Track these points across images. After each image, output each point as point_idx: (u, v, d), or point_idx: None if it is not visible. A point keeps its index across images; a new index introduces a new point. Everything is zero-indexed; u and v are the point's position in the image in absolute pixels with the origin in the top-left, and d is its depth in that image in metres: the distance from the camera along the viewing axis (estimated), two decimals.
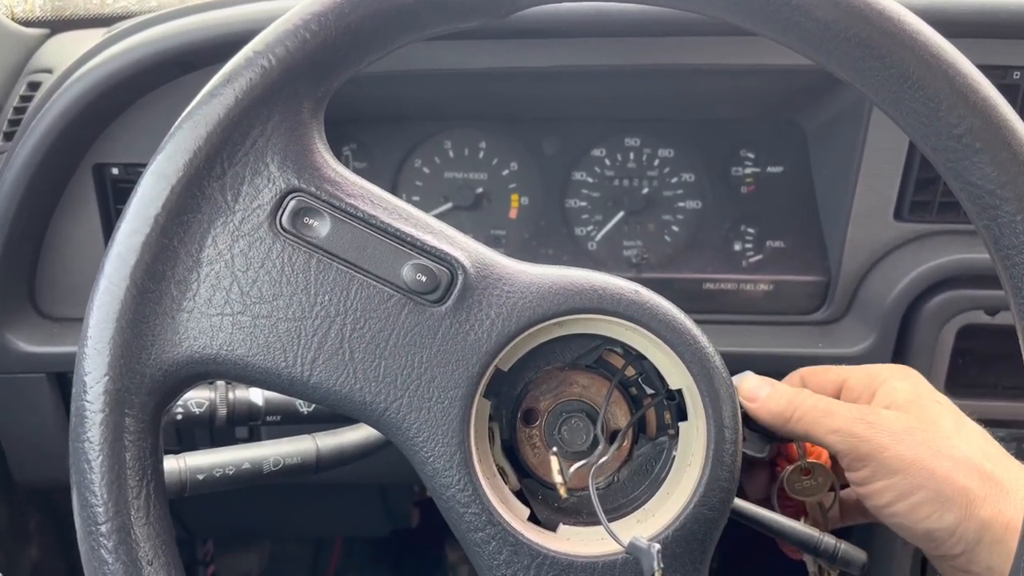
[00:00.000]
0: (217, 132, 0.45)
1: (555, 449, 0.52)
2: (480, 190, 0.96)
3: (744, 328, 0.92)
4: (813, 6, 0.44)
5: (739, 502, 0.59)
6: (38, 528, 1.15)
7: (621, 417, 0.54)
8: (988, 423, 0.91)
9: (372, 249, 0.48)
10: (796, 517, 0.62)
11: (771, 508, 0.62)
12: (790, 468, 0.62)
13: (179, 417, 0.68)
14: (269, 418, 0.71)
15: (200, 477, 0.63)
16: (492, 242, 0.97)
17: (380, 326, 0.48)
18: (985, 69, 0.46)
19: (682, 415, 0.52)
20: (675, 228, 0.96)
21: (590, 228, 0.97)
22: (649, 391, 0.54)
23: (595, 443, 0.52)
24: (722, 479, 0.49)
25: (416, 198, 0.97)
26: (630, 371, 0.53)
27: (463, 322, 0.48)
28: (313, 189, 0.47)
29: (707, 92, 0.93)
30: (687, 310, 0.51)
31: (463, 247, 0.49)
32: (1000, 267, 0.46)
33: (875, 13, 0.44)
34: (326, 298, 0.47)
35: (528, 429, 0.54)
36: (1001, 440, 0.92)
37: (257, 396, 0.70)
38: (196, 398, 0.68)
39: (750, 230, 0.95)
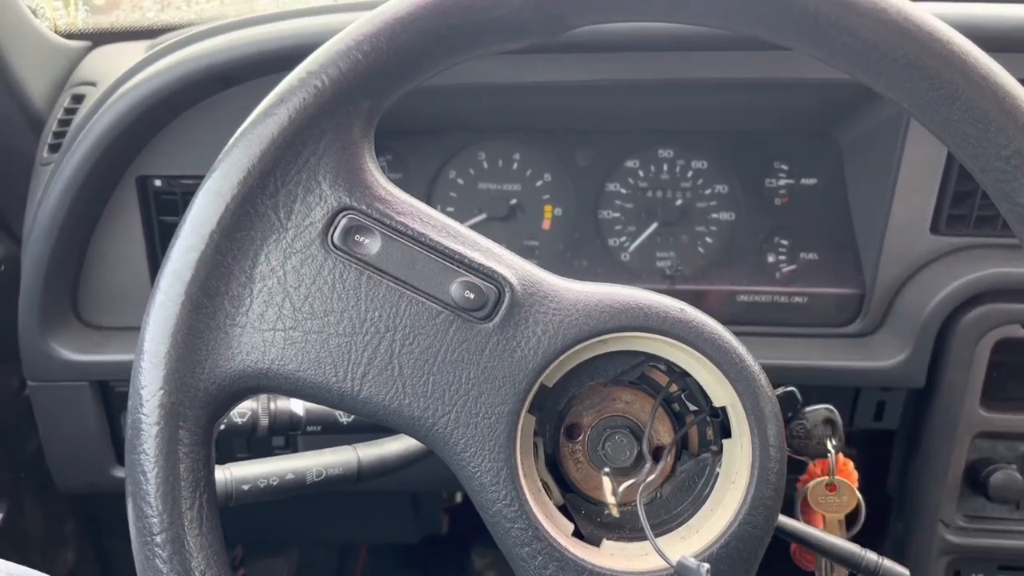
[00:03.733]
0: (271, 151, 0.46)
1: (607, 470, 0.52)
2: (514, 201, 0.97)
3: (778, 340, 0.92)
4: (861, 27, 0.45)
5: (783, 519, 0.59)
6: (74, 533, 1.17)
7: (664, 434, 0.54)
8: None
9: (421, 266, 0.48)
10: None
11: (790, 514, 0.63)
12: (815, 481, 0.62)
13: (222, 427, 0.69)
14: (309, 428, 0.72)
15: (245, 488, 0.64)
16: (525, 253, 0.97)
17: (429, 342, 0.48)
18: None
19: (724, 432, 0.53)
20: (708, 240, 0.97)
21: (623, 239, 0.97)
22: (692, 408, 0.54)
23: (639, 459, 0.53)
24: (767, 497, 0.50)
25: (451, 209, 0.97)
26: (673, 388, 0.54)
27: (510, 339, 0.49)
28: (364, 207, 0.48)
29: (742, 105, 0.93)
30: (719, 322, 0.52)
31: (510, 265, 0.49)
32: None
33: (924, 34, 0.44)
34: (376, 314, 0.48)
35: (571, 444, 0.54)
36: None
37: (298, 407, 0.71)
38: (239, 408, 0.69)
39: (784, 242, 0.95)
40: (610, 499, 0.51)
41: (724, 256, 0.96)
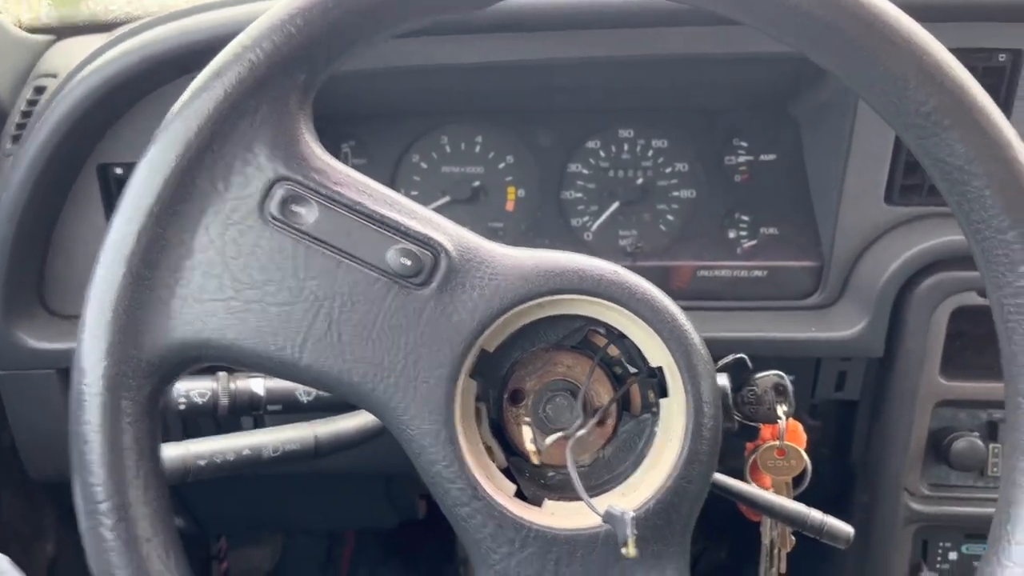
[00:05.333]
0: (207, 125, 0.47)
1: (528, 419, 0.54)
2: (477, 183, 0.98)
3: (739, 314, 0.93)
4: None
5: (725, 478, 0.60)
6: (54, 524, 1.17)
7: (605, 395, 0.55)
8: (986, 405, 0.93)
9: (358, 235, 0.49)
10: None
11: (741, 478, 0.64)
12: (765, 445, 0.63)
13: (182, 407, 0.70)
14: (270, 407, 0.72)
15: (201, 463, 0.65)
16: (490, 234, 0.97)
17: (367, 309, 0.49)
18: (972, 52, 0.47)
19: (663, 392, 0.54)
20: (670, 217, 0.98)
21: (586, 219, 0.98)
22: (632, 370, 0.55)
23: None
24: (701, 452, 0.51)
25: (414, 193, 0.98)
26: (613, 350, 0.55)
27: (447, 304, 0.49)
28: (300, 178, 0.49)
29: (699, 82, 0.94)
30: (682, 297, 0.53)
31: (446, 231, 0.50)
32: (972, 241, 0.47)
33: None
34: (314, 283, 0.49)
35: (515, 408, 0.55)
36: (999, 421, 0.94)
37: (258, 386, 0.71)
38: (199, 388, 0.70)
39: (744, 217, 0.96)
40: (529, 447, 0.52)
41: (685, 233, 0.97)
